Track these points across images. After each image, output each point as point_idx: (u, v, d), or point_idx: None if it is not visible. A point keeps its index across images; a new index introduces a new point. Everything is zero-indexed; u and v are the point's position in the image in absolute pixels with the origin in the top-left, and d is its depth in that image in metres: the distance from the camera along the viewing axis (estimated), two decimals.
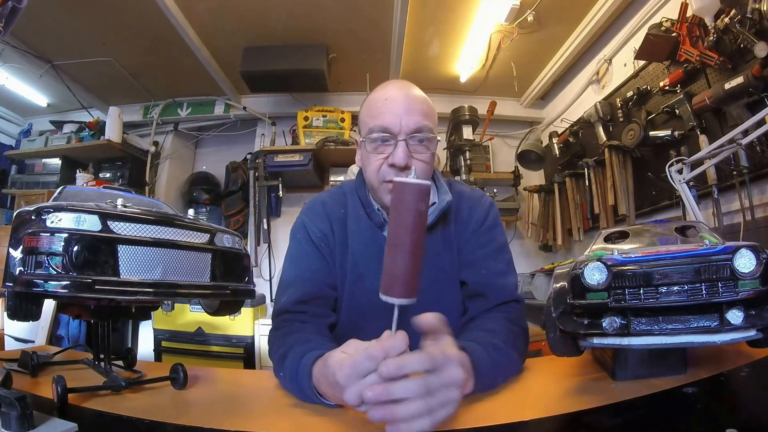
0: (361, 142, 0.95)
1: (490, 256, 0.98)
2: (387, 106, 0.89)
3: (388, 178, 0.89)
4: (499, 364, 0.74)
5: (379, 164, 0.91)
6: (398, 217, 0.53)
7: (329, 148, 3.06)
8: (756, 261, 0.55)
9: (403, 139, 0.88)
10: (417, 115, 0.89)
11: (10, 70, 3.02)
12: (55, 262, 0.58)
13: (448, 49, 2.95)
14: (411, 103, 0.89)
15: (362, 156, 0.97)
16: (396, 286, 0.52)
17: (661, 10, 2.21)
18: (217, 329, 2.62)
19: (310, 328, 0.86)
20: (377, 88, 0.97)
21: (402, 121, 0.87)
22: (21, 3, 1.07)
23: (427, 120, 0.90)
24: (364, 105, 0.98)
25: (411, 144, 0.89)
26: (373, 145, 0.90)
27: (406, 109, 0.88)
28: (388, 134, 0.89)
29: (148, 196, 3.03)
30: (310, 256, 0.98)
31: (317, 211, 1.02)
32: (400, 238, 0.52)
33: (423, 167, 0.91)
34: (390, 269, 0.53)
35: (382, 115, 0.89)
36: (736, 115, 1.67)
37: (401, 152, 0.87)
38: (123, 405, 0.68)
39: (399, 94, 0.91)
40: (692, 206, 1.46)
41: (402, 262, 0.52)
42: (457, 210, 1.01)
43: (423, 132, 0.89)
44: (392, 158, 0.88)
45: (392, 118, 0.88)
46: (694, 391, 0.61)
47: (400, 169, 0.88)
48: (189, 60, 2.91)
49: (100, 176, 3.28)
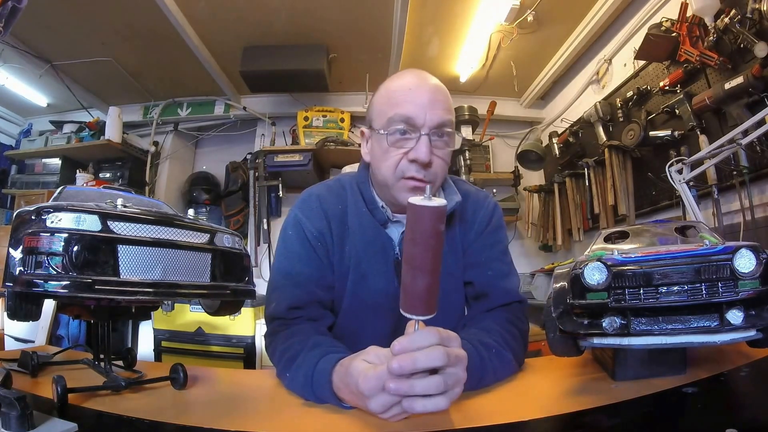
0: (375, 133, 0.89)
1: (496, 257, 0.98)
2: (411, 96, 0.84)
3: (408, 174, 0.85)
4: (487, 361, 0.73)
5: (397, 159, 0.85)
6: (417, 238, 0.53)
7: (329, 148, 3.06)
8: (756, 261, 0.55)
9: (426, 133, 0.83)
10: (441, 109, 0.84)
11: (10, 70, 3.02)
12: (55, 262, 0.58)
13: (448, 48, 2.95)
14: (436, 95, 0.85)
15: (375, 149, 0.91)
16: (419, 306, 0.54)
17: (661, 10, 2.21)
18: (217, 329, 2.61)
19: (310, 330, 0.85)
20: (395, 76, 0.91)
21: (427, 114, 0.83)
22: (21, 3, 1.07)
23: (450, 114, 0.87)
24: (379, 94, 0.92)
25: (433, 139, 0.84)
26: (393, 137, 0.85)
27: (431, 100, 0.84)
28: (411, 126, 0.84)
29: (148, 196, 3.03)
30: (303, 258, 0.93)
31: (313, 206, 0.95)
32: (419, 261, 0.53)
33: (443, 164, 0.88)
34: (411, 289, 0.54)
35: (406, 105, 0.84)
36: (736, 115, 1.67)
37: (424, 147, 0.82)
38: (123, 405, 0.68)
39: (423, 85, 0.86)
40: (692, 206, 1.45)
41: (423, 283, 0.53)
42: (462, 211, 0.99)
43: (446, 127, 0.85)
44: (414, 153, 0.83)
45: (417, 109, 0.83)
46: (694, 391, 0.61)
47: (422, 166, 0.84)
48: (189, 60, 2.91)
49: (100, 176, 3.28)
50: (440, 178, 0.90)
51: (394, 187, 0.88)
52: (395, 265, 0.93)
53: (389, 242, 0.94)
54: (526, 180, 3.44)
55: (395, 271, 0.93)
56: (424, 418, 0.59)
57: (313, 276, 0.92)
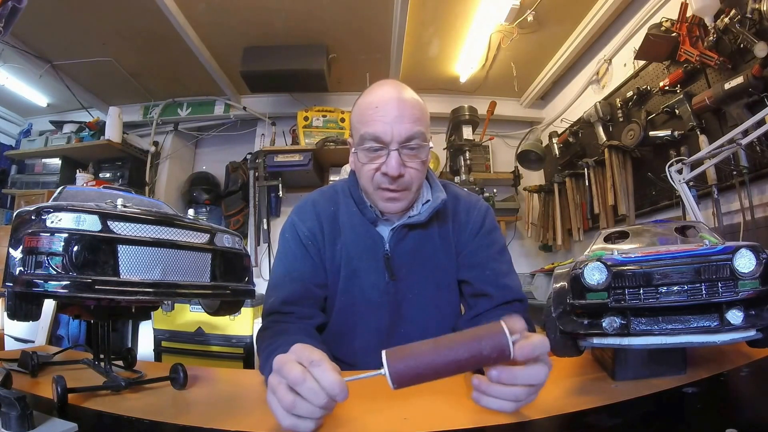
0: (353, 152, 0.95)
1: (494, 257, 1.00)
2: (379, 114, 0.88)
3: (383, 186, 0.91)
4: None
5: (372, 173, 0.92)
6: (470, 345, 0.50)
7: (329, 148, 3.06)
8: (756, 261, 0.55)
9: (395, 149, 0.88)
10: (408, 123, 0.88)
11: (10, 70, 3.02)
12: (55, 262, 0.58)
13: (448, 49, 2.95)
14: (402, 110, 0.88)
15: (355, 161, 0.97)
16: (401, 367, 0.49)
17: (661, 10, 2.21)
18: (216, 329, 2.61)
19: (298, 330, 0.87)
20: (367, 90, 0.96)
21: (393, 130, 0.87)
22: (21, 3, 1.07)
23: (419, 125, 0.89)
24: (354, 108, 0.97)
25: (403, 153, 0.89)
26: (365, 154, 0.91)
27: (397, 116, 0.87)
28: (380, 143, 0.88)
29: (148, 196, 3.03)
30: (298, 257, 0.99)
31: (307, 210, 1.02)
32: (451, 352, 0.50)
33: (416, 173, 0.92)
34: (416, 354, 0.50)
35: (373, 123, 0.88)
36: (736, 115, 1.67)
37: (394, 163, 0.87)
38: (123, 405, 0.68)
39: (390, 100, 0.89)
40: (692, 206, 1.45)
41: (429, 362, 0.50)
42: (454, 211, 1.03)
43: (415, 139, 0.89)
44: (385, 167, 0.89)
45: (384, 126, 0.87)
46: (694, 391, 0.61)
47: (393, 179, 0.89)
48: (189, 60, 2.91)
49: (100, 176, 3.28)
50: (416, 184, 0.95)
51: (373, 195, 0.96)
52: (385, 260, 0.97)
53: (379, 239, 0.98)
54: (526, 180, 3.44)
55: (385, 266, 0.97)
56: (424, 418, 0.60)
57: (307, 273, 0.97)
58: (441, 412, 0.63)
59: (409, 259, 0.98)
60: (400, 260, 0.97)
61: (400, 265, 0.97)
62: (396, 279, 0.97)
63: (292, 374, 0.52)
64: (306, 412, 0.52)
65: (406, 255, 0.98)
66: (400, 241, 0.98)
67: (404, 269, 0.98)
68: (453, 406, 0.64)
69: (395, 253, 0.97)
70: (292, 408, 0.52)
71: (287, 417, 0.53)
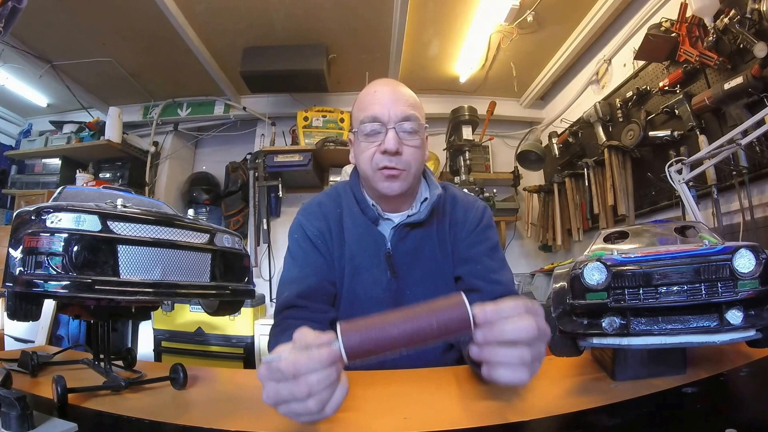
0: (354, 133, 1.01)
1: (486, 253, 1.02)
2: (375, 97, 0.96)
3: (382, 165, 0.95)
4: None
5: (372, 152, 0.96)
6: (426, 312, 0.49)
7: (329, 148, 3.06)
8: (755, 261, 0.55)
9: (392, 127, 0.94)
10: (403, 105, 0.95)
11: (10, 70, 3.02)
12: (55, 262, 0.58)
13: (448, 49, 2.95)
14: (398, 94, 0.96)
15: (356, 149, 1.01)
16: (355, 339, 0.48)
17: (660, 10, 2.21)
18: (216, 329, 2.62)
19: (309, 325, 0.86)
20: (365, 88, 1.03)
21: (390, 111, 0.94)
22: (21, 3, 1.07)
23: (414, 110, 0.96)
24: (354, 105, 1.04)
25: (400, 132, 0.94)
26: (365, 135, 0.96)
27: (393, 99, 0.95)
28: (378, 123, 0.94)
29: (148, 196, 3.03)
30: (309, 254, 1.01)
31: (314, 211, 1.06)
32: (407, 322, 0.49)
33: (414, 152, 0.96)
34: (371, 326, 0.49)
35: (371, 106, 0.95)
36: (736, 115, 1.67)
37: (392, 138, 0.93)
38: (123, 405, 0.68)
39: (386, 88, 0.98)
40: (692, 206, 1.46)
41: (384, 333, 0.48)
42: (452, 211, 1.06)
43: (411, 122, 0.95)
44: (384, 144, 0.93)
45: (381, 108, 0.94)
46: (694, 391, 0.61)
47: (392, 155, 0.93)
48: (189, 60, 2.91)
49: (100, 176, 3.28)
50: (414, 166, 0.98)
51: (373, 178, 0.98)
52: (387, 258, 1.00)
53: (381, 237, 1.01)
54: (525, 180, 3.44)
55: (387, 264, 1.00)
56: (424, 418, 0.60)
57: (320, 269, 1.00)
58: (441, 412, 0.63)
59: (410, 258, 1.00)
60: (401, 258, 1.00)
61: (401, 263, 1.00)
62: (397, 277, 0.99)
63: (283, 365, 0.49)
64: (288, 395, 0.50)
65: (406, 254, 1.00)
66: (401, 240, 1.00)
67: (405, 267, 1.00)
68: (453, 406, 0.64)
69: (396, 251, 1.00)
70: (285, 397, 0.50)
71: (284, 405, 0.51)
